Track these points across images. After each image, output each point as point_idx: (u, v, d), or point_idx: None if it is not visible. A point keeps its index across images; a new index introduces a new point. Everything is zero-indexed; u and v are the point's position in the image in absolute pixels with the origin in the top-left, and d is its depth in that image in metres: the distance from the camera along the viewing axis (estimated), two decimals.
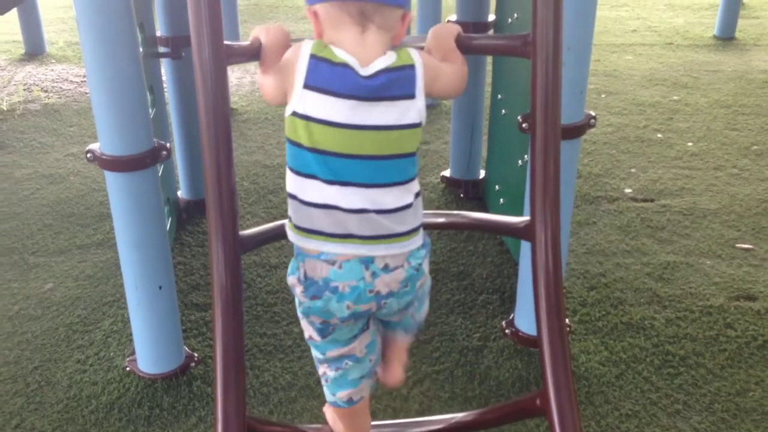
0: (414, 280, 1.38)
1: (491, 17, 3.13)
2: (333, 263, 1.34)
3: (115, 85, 1.86)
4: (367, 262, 1.34)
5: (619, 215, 3.12)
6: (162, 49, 2.96)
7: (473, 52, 1.35)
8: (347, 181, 1.31)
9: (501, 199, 3.00)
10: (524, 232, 1.40)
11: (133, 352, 2.25)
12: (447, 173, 3.45)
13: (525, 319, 2.32)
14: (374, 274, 1.34)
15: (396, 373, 1.61)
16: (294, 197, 1.35)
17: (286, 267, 2.75)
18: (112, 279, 2.67)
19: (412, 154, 1.35)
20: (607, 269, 2.72)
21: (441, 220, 1.59)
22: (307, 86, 1.28)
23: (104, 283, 2.66)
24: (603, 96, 4.50)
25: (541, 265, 1.30)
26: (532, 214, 1.34)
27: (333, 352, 1.47)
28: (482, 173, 3.39)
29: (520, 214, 2.43)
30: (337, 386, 1.52)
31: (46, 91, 4.58)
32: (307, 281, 1.37)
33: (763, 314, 2.46)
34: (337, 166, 1.30)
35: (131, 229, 2.04)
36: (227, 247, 1.30)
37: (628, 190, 3.33)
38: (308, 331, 1.47)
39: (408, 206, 1.35)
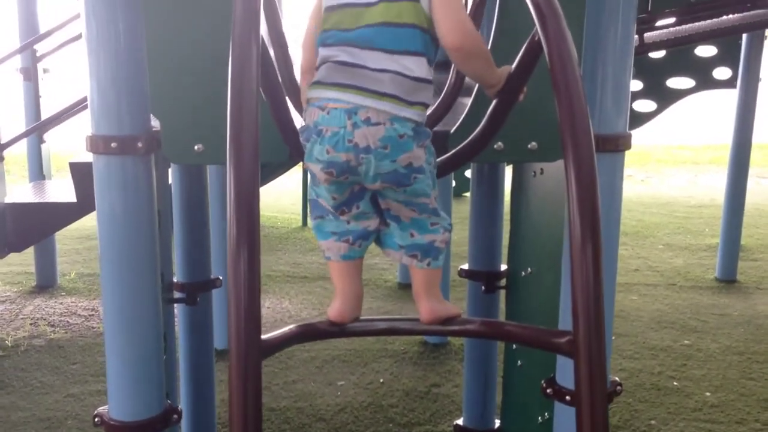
0: (395, 144, 1.47)
1: (503, 267, 3.19)
2: (323, 109, 1.49)
3: (132, 349, 1.83)
4: (351, 112, 1.47)
5: None
6: (177, 295, 2.97)
7: (508, 340, 1.31)
8: (357, 44, 1.49)
9: None
10: None
11: None
12: (460, 422, 3.32)
13: None
14: (355, 125, 1.47)
15: (425, 310, 1.61)
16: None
17: None
18: None
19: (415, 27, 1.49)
20: None
21: None
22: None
23: None
24: (614, 338, 4.47)
25: None
26: None
27: (319, 200, 1.59)
28: (497, 422, 3.26)
29: None
30: (316, 233, 1.64)
31: (52, 326, 4.55)
32: (303, 127, 1.55)
33: None
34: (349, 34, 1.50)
35: None
36: None
37: None
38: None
39: (406, 76, 1.48)
